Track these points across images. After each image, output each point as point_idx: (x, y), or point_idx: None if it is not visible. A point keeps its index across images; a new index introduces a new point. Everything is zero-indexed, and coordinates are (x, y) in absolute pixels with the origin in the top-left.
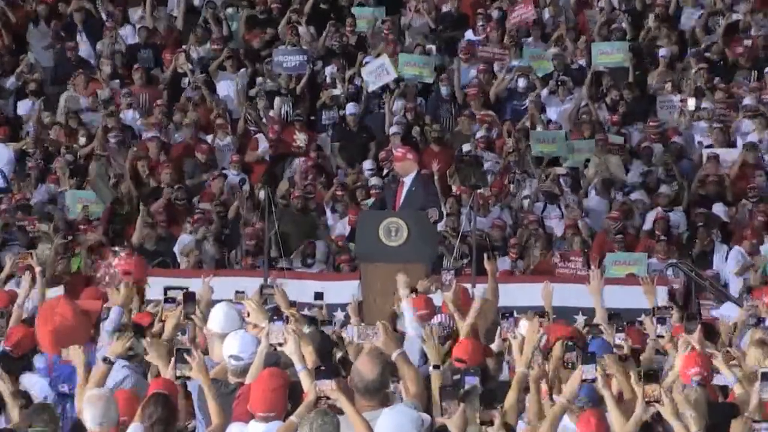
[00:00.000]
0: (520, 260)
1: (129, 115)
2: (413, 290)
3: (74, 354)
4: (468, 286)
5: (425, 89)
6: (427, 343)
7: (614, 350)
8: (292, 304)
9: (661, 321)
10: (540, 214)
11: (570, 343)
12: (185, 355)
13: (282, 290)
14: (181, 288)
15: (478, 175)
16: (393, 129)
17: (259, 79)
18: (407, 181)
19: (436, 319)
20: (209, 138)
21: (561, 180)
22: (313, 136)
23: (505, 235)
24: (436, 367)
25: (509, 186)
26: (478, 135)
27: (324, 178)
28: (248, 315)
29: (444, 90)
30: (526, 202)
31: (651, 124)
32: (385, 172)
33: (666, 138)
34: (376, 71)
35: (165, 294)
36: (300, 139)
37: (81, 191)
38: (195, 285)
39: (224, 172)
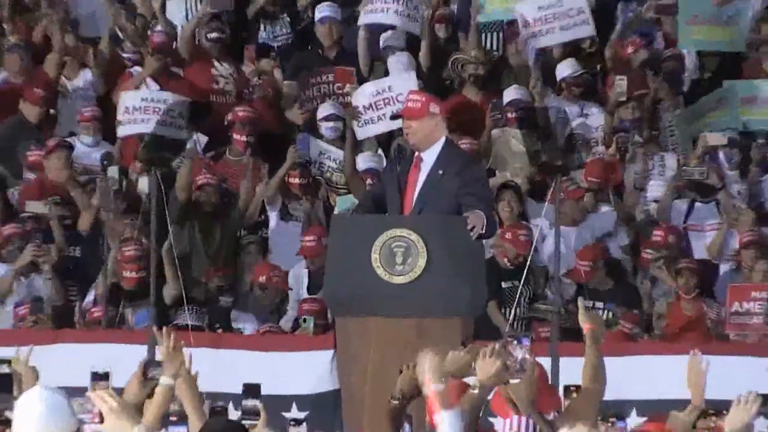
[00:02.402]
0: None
1: None
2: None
3: None
4: (546, 361)
5: None
6: None
7: None
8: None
9: None
10: (683, 220)
11: None
12: None
13: (188, 373)
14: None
15: (552, 148)
16: (398, 67)
17: None
18: (427, 158)
19: (511, 425)
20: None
21: (721, 156)
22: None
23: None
24: None
25: (621, 168)
26: (563, 73)
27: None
28: (99, 418)
29: None
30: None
31: None
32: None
33: None
34: None
35: None
36: (223, 75)
37: None
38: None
39: (72, 139)
